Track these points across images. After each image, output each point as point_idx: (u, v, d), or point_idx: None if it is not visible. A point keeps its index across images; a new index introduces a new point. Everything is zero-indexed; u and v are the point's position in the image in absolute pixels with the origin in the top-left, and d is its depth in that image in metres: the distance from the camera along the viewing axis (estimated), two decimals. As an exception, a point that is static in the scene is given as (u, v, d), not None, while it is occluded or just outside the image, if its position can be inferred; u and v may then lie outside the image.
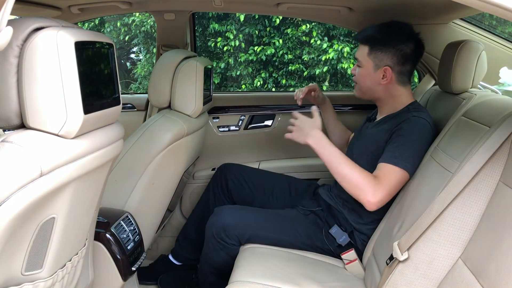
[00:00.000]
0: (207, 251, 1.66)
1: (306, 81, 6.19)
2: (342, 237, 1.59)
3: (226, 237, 1.60)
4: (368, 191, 1.39)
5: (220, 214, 1.64)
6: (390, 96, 1.62)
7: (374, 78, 1.61)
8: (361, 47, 1.63)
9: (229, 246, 1.61)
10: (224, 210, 1.68)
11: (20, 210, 0.78)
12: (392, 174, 1.43)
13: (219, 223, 1.61)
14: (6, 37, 0.68)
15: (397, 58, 1.57)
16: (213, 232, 1.61)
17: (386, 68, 1.57)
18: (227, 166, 2.03)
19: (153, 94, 1.79)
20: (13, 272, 0.89)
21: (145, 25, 6.32)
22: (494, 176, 1.02)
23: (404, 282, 1.13)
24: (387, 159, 1.46)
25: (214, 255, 1.64)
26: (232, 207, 1.75)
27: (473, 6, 0.82)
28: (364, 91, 1.67)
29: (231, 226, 1.60)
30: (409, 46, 1.57)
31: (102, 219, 1.38)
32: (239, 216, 1.65)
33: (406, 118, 1.52)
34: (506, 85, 1.73)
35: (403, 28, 1.59)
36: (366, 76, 1.62)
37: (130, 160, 1.58)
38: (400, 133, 1.49)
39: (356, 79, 1.68)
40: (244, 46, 6.18)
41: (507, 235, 0.90)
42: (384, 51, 1.57)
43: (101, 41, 0.97)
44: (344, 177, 1.43)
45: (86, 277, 1.24)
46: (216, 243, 1.61)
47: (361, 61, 1.63)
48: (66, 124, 0.86)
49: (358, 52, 1.64)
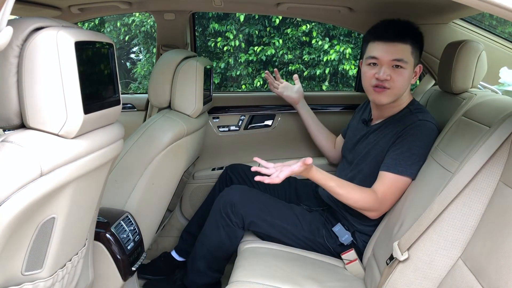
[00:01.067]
0: (207, 230, 1.67)
1: (306, 81, 6.19)
2: (345, 236, 1.59)
3: (232, 213, 1.61)
4: (371, 210, 1.48)
5: (230, 192, 1.67)
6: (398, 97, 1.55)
7: (411, 77, 1.51)
8: (400, 45, 1.46)
9: (232, 225, 1.61)
10: (234, 188, 1.71)
11: (20, 210, 0.78)
12: (395, 183, 1.44)
13: (227, 200, 1.63)
14: (6, 37, 0.68)
15: (419, 54, 1.54)
16: (221, 207, 1.63)
17: (419, 66, 1.53)
18: (233, 166, 2.05)
19: (153, 94, 1.79)
20: (13, 272, 0.89)
21: (145, 25, 6.33)
22: (494, 176, 1.02)
23: (404, 282, 1.13)
24: (391, 168, 1.45)
25: (214, 234, 1.64)
26: (243, 188, 1.75)
27: (473, 6, 0.82)
28: (398, 96, 1.51)
29: (239, 204, 1.61)
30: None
31: (102, 219, 1.38)
32: (248, 196, 1.66)
33: (412, 123, 1.48)
34: (506, 85, 1.73)
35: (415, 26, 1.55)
36: (408, 79, 1.49)
37: (130, 160, 1.58)
38: (405, 138, 1.46)
39: (392, 84, 1.49)
40: (244, 46, 6.18)
41: (507, 235, 0.90)
42: (418, 48, 1.51)
43: (101, 41, 0.97)
44: (348, 203, 1.50)
45: (86, 277, 1.24)
46: (221, 218, 1.62)
47: (406, 61, 1.47)
48: (66, 124, 0.86)
49: (400, 52, 1.46)
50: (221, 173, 2.07)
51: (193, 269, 1.72)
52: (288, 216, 1.64)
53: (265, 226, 1.62)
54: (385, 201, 1.46)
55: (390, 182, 1.44)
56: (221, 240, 1.63)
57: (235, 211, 1.61)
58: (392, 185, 1.44)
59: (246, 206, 1.62)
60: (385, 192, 1.45)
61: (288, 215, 1.65)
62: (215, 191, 2.03)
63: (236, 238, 1.64)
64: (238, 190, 1.70)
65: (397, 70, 1.48)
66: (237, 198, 1.63)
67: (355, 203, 1.48)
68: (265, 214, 1.62)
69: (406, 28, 1.50)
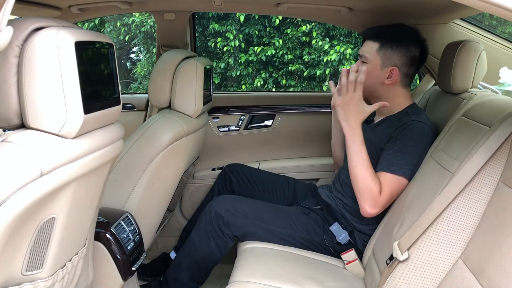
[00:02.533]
0: (195, 239, 1.64)
1: (306, 81, 6.19)
2: (342, 235, 1.59)
3: (224, 225, 1.60)
4: (367, 202, 1.43)
5: (221, 204, 1.64)
6: (390, 97, 1.59)
7: (379, 76, 1.58)
8: (369, 43, 1.58)
9: (224, 236, 1.60)
10: (224, 199, 1.69)
11: (20, 210, 0.78)
12: (390, 183, 1.44)
13: (218, 212, 1.61)
14: (6, 37, 0.68)
15: (406, 59, 1.56)
16: (212, 218, 1.61)
17: (393, 68, 1.56)
18: (232, 166, 2.05)
19: (153, 94, 1.79)
20: (13, 272, 0.89)
21: (145, 25, 6.32)
22: (494, 176, 1.02)
23: (404, 282, 1.13)
24: (385, 167, 1.46)
25: (203, 243, 1.62)
26: (233, 198, 1.75)
27: (473, 6, 0.82)
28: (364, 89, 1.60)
29: (231, 217, 1.60)
30: (418, 50, 1.58)
31: (102, 219, 1.38)
32: (239, 206, 1.64)
33: (405, 123, 1.51)
34: (506, 85, 1.73)
35: (413, 31, 1.60)
36: (372, 73, 1.56)
37: (130, 160, 1.58)
38: (398, 138, 1.49)
39: None
40: (244, 46, 6.18)
41: (507, 235, 0.90)
42: (395, 50, 1.55)
43: (101, 41, 0.97)
44: (355, 177, 1.45)
45: (86, 277, 1.24)
46: (212, 230, 1.60)
47: (367, 57, 1.58)
48: (66, 124, 0.86)
49: (365, 48, 1.59)
50: (220, 173, 2.07)
51: (176, 281, 1.69)
52: (281, 219, 1.64)
53: (261, 234, 1.61)
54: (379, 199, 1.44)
55: (384, 180, 1.45)
56: (211, 251, 1.62)
57: (227, 224, 1.60)
58: (387, 184, 1.44)
59: (239, 217, 1.61)
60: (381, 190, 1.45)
61: (281, 218, 1.64)
62: (213, 190, 2.03)
63: (226, 248, 1.63)
64: (228, 201, 1.67)
65: (363, 64, 1.57)
66: (228, 210, 1.61)
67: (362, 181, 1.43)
68: (259, 222, 1.61)
69: (386, 28, 1.58)
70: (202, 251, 1.63)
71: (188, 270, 1.66)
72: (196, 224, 1.67)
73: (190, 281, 1.67)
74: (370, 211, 1.43)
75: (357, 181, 1.44)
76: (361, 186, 1.43)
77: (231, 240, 1.63)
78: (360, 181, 1.43)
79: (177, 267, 1.69)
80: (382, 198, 1.43)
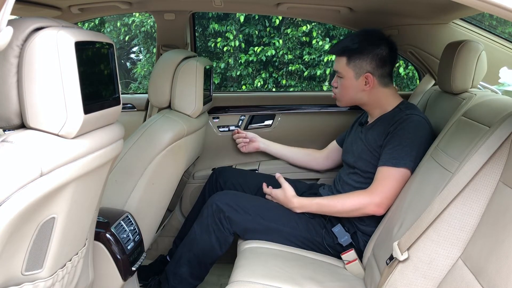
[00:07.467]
0: (196, 234, 1.65)
1: (306, 81, 6.18)
2: (344, 237, 1.60)
3: (225, 219, 1.61)
4: (368, 204, 1.51)
5: (223, 198, 1.66)
6: (376, 100, 1.67)
7: (357, 86, 1.65)
8: (339, 59, 1.67)
9: (224, 231, 1.61)
10: (226, 194, 1.72)
11: (20, 210, 0.78)
12: (392, 174, 1.48)
13: (220, 206, 1.62)
14: (6, 37, 0.68)
15: (376, 63, 1.61)
16: (213, 211, 1.62)
17: (367, 74, 1.62)
18: (221, 170, 2.04)
19: (153, 94, 1.79)
20: (13, 272, 0.89)
21: (145, 25, 6.32)
22: (494, 176, 1.02)
23: (404, 282, 1.13)
24: (386, 162, 1.51)
25: (204, 238, 1.63)
26: (235, 194, 1.76)
27: (473, 6, 0.82)
28: (348, 101, 1.72)
29: (233, 212, 1.62)
30: (384, 49, 1.62)
31: (102, 219, 1.38)
32: (240, 202, 1.66)
33: (399, 118, 1.55)
34: (506, 85, 1.73)
35: (374, 33, 1.65)
36: (349, 86, 1.66)
37: (130, 160, 1.58)
38: (395, 133, 1.53)
39: (338, 90, 1.71)
40: (244, 46, 6.18)
41: (507, 235, 0.90)
42: (362, 58, 1.61)
43: (101, 41, 0.97)
44: (343, 213, 1.57)
45: (86, 277, 1.24)
46: (213, 223, 1.62)
47: (341, 72, 1.66)
48: (66, 124, 0.86)
49: (337, 65, 1.68)
50: (209, 177, 2.04)
51: (175, 275, 1.68)
52: (283, 217, 1.64)
53: (262, 231, 1.62)
54: (377, 189, 1.49)
55: (386, 173, 1.50)
56: (211, 245, 1.62)
57: (228, 218, 1.61)
58: (388, 177, 1.49)
59: (240, 213, 1.62)
60: (379, 180, 1.51)
61: (283, 216, 1.65)
62: (204, 196, 2.00)
63: (226, 244, 1.64)
64: (230, 196, 1.69)
65: (340, 80, 1.69)
66: (230, 205, 1.62)
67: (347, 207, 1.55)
68: (260, 219, 1.62)
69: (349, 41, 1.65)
70: (202, 244, 1.63)
71: (188, 264, 1.66)
72: (198, 217, 1.68)
73: (189, 277, 1.67)
74: (377, 209, 1.50)
75: (346, 213, 1.56)
76: (351, 208, 1.54)
77: (231, 235, 1.64)
78: (347, 208, 1.55)
79: (178, 261, 1.70)
80: (379, 188, 1.49)
